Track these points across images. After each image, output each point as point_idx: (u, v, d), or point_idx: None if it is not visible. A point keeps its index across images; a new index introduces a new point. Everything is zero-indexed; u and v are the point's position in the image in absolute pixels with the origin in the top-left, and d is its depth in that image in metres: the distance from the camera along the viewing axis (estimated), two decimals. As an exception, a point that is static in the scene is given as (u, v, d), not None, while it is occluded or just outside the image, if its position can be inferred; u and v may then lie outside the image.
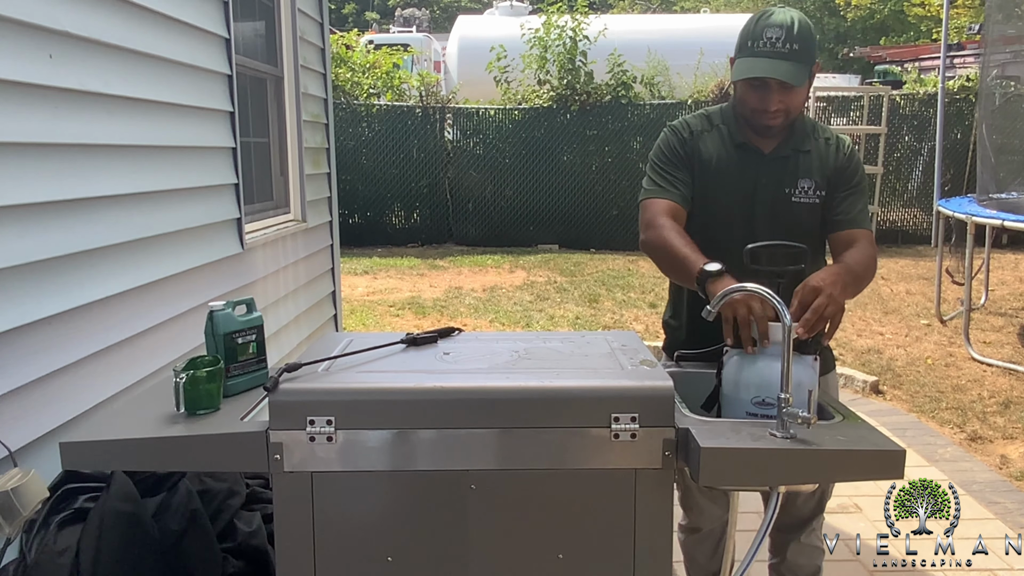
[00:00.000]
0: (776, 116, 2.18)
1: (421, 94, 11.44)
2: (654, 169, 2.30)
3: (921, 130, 11.09)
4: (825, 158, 2.25)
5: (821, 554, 2.51)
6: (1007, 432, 4.56)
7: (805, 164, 2.24)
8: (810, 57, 2.15)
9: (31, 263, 2.20)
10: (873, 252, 2.18)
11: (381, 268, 9.75)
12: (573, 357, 1.92)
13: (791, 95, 2.16)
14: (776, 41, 2.10)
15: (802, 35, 2.12)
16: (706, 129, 2.31)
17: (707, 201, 2.28)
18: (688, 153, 2.28)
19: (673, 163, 2.28)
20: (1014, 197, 6.60)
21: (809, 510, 2.43)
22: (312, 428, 1.65)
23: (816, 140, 2.28)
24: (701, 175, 2.27)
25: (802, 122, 2.29)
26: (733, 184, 2.25)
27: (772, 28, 2.11)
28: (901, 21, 23.60)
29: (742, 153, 2.26)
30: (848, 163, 2.26)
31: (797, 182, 2.23)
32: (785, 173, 2.24)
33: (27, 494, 1.67)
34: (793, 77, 2.12)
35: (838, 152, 2.26)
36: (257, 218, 4.01)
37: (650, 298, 7.89)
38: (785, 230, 2.18)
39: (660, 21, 16.41)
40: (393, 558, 1.70)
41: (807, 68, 2.15)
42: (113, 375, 2.57)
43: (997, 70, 7.11)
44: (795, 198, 2.23)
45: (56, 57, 2.33)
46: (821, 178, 2.24)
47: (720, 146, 2.28)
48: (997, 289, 7.98)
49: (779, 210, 2.23)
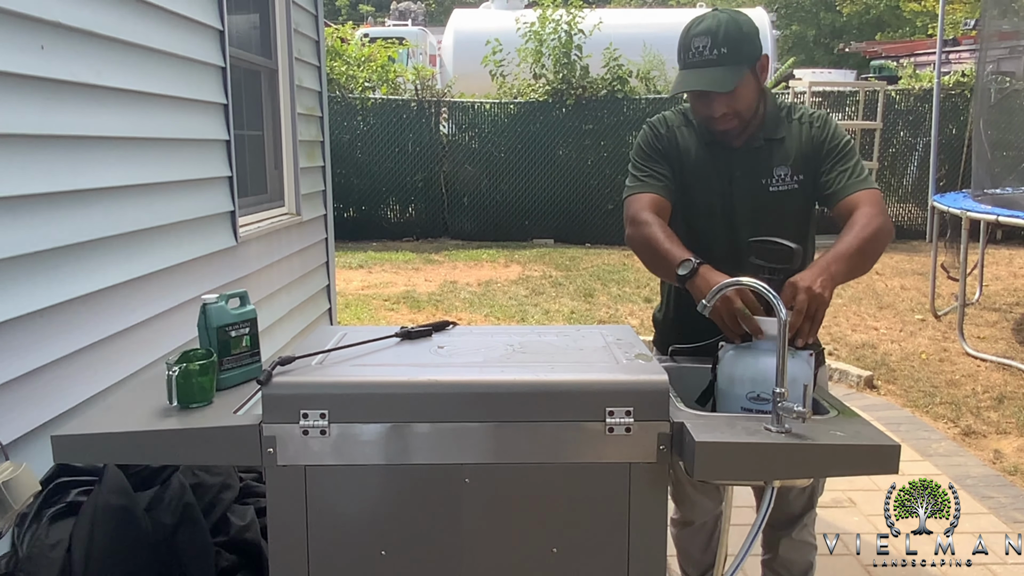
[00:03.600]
0: (726, 120, 2.15)
1: (416, 88, 11.42)
2: (635, 165, 2.29)
3: (916, 125, 11.10)
4: (799, 138, 2.21)
5: (813, 549, 2.50)
6: (1001, 427, 4.57)
7: (779, 151, 2.21)
8: (742, 56, 2.09)
9: (22, 255, 2.19)
10: (874, 213, 2.07)
11: (376, 262, 9.73)
12: (568, 351, 1.91)
13: (734, 97, 2.11)
14: (704, 49, 2.07)
15: (729, 37, 2.07)
16: (683, 124, 2.29)
17: (687, 197, 2.27)
18: (666, 147, 2.27)
19: (652, 158, 2.27)
20: (1009, 192, 6.61)
21: (800, 506, 2.42)
22: (306, 421, 1.65)
23: (789, 124, 2.23)
24: (681, 169, 2.26)
25: (774, 109, 2.24)
26: (709, 180, 2.24)
27: (698, 37, 2.08)
28: (897, 16, 23.62)
29: (714, 150, 2.24)
30: (823, 133, 2.20)
31: (773, 171, 2.21)
32: (759, 164, 2.21)
33: (19, 488, 1.66)
34: (722, 84, 2.08)
35: (811, 127, 2.22)
36: (251, 211, 4.00)
37: (645, 293, 7.90)
38: (768, 220, 2.17)
39: (656, 15, 16.34)
40: (387, 552, 1.70)
41: (740, 68, 2.10)
42: (105, 368, 2.56)
43: (993, 65, 7.12)
44: (772, 187, 2.21)
45: (48, 48, 2.31)
46: (798, 161, 2.20)
47: (695, 143, 2.27)
48: (991, 284, 8.00)
49: (760, 202, 2.21)
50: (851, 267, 2.01)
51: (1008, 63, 7.16)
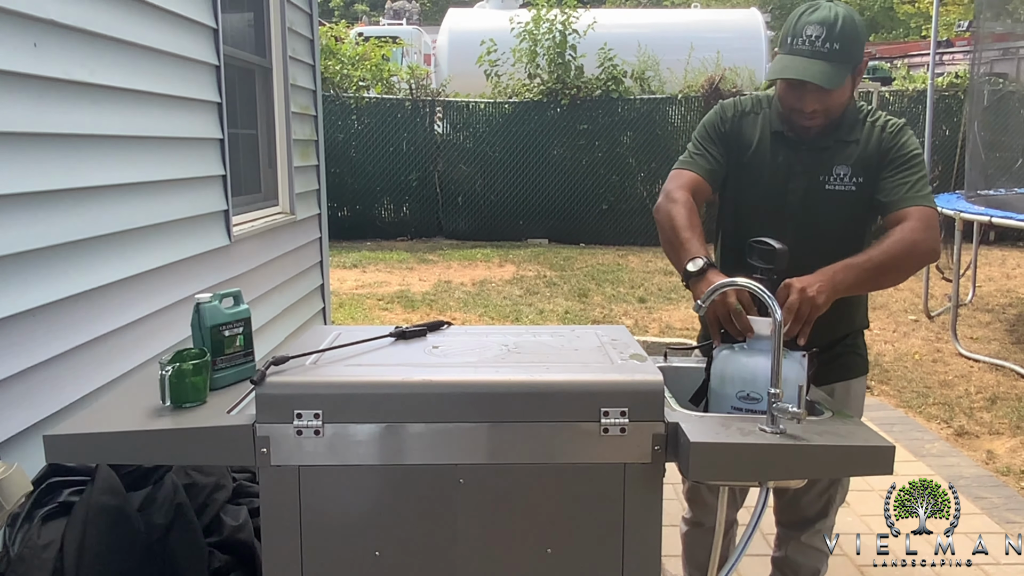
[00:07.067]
0: (813, 117, 2.10)
1: (411, 87, 11.39)
2: (693, 141, 2.28)
3: (910, 126, 11.08)
4: (867, 141, 2.16)
5: (824, 557, 2.47)
6: (993, 427, 4.58)
7: (844, 152, 2.16)
8: (851, 56, 2.03)
9: (14, 254, 2.18)
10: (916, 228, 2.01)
11: (370, 261, 9.72)
12: (563, 351, 1.91)
13: (829, 96, 2.06)
14: (816, 40, 2.00)
15: (844, 34, 2.00)
16: (754, 111, 2.26)
17: (740, 186, 2.25)
18: (728, 131, 2.25)
19: (710, 138, 2.26)
20: (1002, 194, 6.64)
21: (813, 512, 2.39)
22: (299, 422, 1.64)
23: (863, 128, 2.17)
24: (738, 156, 2.24)
25: (853, 112, 2.19)
26: (766, 171, 2.21)
27: (812, 25, 2.00)
28: (891, 18, 23.70)
29: (779, 141, 2.21)
30: (893, 139, 2.14)
31: (832, 169, 2.16)
32: (821, 162, 2.17)
33: (10, 488, 1.65)
34: (828, 80, 2.01)
35: (883, 131, 2.16)
36: (245, 210, 3.99)
37: (639, 293, 7.90)
38: (816, 219, 2.15)
39: (650, 15, 16.35)
40: (381, 552, 1.69)
41: (847, 68, 2.04)
42: (98, 368, 2.55)
43: (986, 67, 7.14)
44: (828, 186, 2.16)
45: (40, 45, 2.30)
46: (860, 163, 2.14)
47: (760, 130, 2.23)
48: (984, 285, 8.03)
49: (812, 200, 2.17)
50: (862, 279, 1.98)
51: (1002, 64, 7.19)
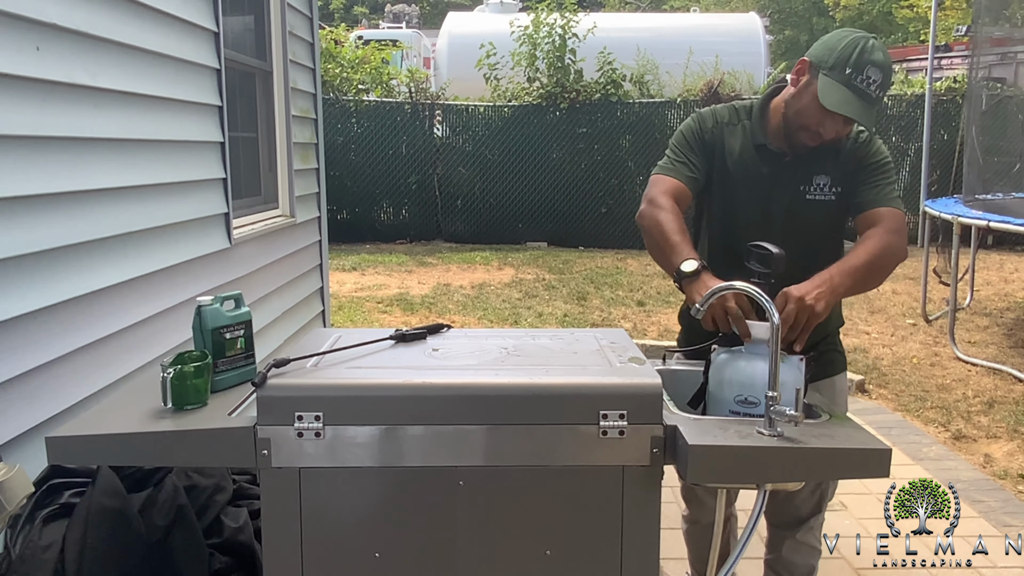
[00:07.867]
0: (825, 141, 2.15)
1: (411, 90, 11.41)
2: (672, 149, 2.30)
3: (908, 131, 11.14)
4: (843, 152, 2.22)
5: (817, 554, 2.50)
6: (991, 431, 4.59)
7: (822, 161, 2.21)
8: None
9: (16, 256, 2.18)
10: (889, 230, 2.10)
11: (369, 264, 9.72)
12: (562, 354, 1.92)
13: (849, 127, 2.15)
14: (875, 84, 2.04)
15: (887, 80, 2.07)
16: (733, 122, 2.29)
17: (726, 196, 2.27)
18: (711, 140, 2.27)
19: (690, 146, 2.28)
20: (1000, 198, 6.66)
21: (808, 510, 2.42)
22: (300, 424, 1.65)
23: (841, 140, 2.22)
24: (721, 167, 2.26)
25: None
26: (750, 182, 2.24)
27: (874, 68, 2.03)
28: (889, 22, 23.73)
29: (760, 153, 2.25)
30: (865, 149, 2.22)
31: (812, 179, 2.21)
32: (801, 171, 2.22)
33: (12, 489, 1.65)
34: (873, 123, 2.13)
35: (856, 142, 2.23)
36: (245, 213, 4.00)
37: (638, 296, 7.90)
38: (802, 228, 2.18)
39: (650, 20, 16.42)
40: (381, 554, 1.70)
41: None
42: (100, 370, 2.55)
43: (984, 72, 7.16)
44: (809, 195, 2.21)
45: (43, 49, 2.31)
46: (838, 173, 2.20)
47: (742, 142, 2.27)
48: (982, 289, 8.04)
49: (795, 209, 2.22)
50: (857, 282, 2.03)
51: (1000, 69, 7.21)
